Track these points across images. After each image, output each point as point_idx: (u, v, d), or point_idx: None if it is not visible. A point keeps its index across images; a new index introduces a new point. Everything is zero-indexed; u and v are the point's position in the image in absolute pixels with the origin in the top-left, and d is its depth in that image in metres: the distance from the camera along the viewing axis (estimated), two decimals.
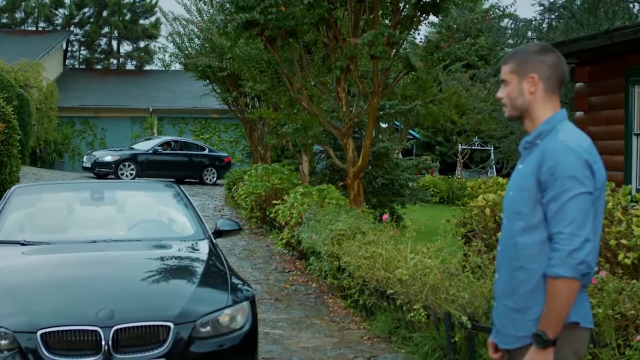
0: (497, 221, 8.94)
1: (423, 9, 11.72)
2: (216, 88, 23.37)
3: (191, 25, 21.97)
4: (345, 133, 12.17)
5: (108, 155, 26.69)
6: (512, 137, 20.97)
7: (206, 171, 28.11)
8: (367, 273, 7.92)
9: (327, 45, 12.17)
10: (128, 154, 26.92)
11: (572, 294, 2.91)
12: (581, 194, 2.92)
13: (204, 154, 28.53)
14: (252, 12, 10.76)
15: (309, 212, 11.44)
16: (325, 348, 7.40)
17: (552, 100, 3.16)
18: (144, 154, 27.17)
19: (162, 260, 6.02)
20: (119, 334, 4.77)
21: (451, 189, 26.92)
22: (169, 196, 7.39)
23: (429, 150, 35.99)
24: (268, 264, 12.31)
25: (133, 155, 26.95)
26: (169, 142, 28.64)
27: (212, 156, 28.63)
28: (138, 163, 26.68)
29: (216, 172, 28.18)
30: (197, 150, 28.70)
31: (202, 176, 27.96)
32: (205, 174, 28.04)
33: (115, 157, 26.34)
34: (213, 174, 28.16)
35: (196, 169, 28.02)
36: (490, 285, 6.43)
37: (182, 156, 28.03)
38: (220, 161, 28.56)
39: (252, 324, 5.37)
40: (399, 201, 18.48)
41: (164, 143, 28.37)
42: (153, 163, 27.02)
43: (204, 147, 29.10)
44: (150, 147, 27.61)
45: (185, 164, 27.87)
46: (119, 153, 26.87)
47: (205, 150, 28.79)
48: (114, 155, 26.53)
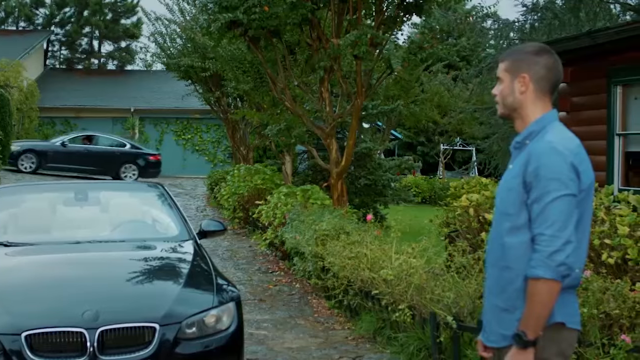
0: (480, 221, 8.96)
1: (406, 10, 11.74)
2: (198, 88, 23.30)
3: (173, 25, 21.89)
4: (328, 133, 12.16)
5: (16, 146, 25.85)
6: (495, 137, 20.98)
7: (124, 168, 27.49)
8: (351, 273, 7.91)
9: (311, 46, 12.16)
10: (29, 146, 26.45)
11: (552, 295, 2.92)
12: (564, 196, 2.92)
13: (123, 150, 27.91)
14: (235, 12, 10.73)
15: (293, 213, 11.42)
16: (310, 348, 7.39)
17: (543, 101, 3.16)
18: (48, 146, 26.77)
19: (146, 261, 5.98)
20: (105, 336, 4.74)
21: (433, 189, 26.98)
22: (153, 197, 7.36)
23: (411, 150, 36.04)
24: (251, 265, 12.28)
25: (35, 146, 26.49)
26: (88, 137, 28.23)
27: (133, 153, 27.98)
28: (40, 155, 26.20)
29: (137, 170, 27.54)
30: (115, 145, 28.10)
31: (119, 173, 27.30)
32: (123, 171, 27.43)
33: (16, 147, 25.47)
34: (133, 172, 27.52)
35: (111, 165, 27.33)
36: (475, 284, 6.45)
37: (94, 151, 27.51)
38: (144, 159, 27.95)
39: (238, 325, 5.35)
40: (381, 201, 18.49)
41: (78, 137, 27.96)
42: (59, 156, 26.53)
43: (124, 144, 28.47)
44: (58, 140, 27.27)
45: (97, 159, 27.31)
46: (21, 144, 26.34)
47: (125, 147, 28.16)
48: (16, 145, 25.67)
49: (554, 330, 3.01)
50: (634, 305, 5.47)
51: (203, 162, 35.03)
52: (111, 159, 27.47)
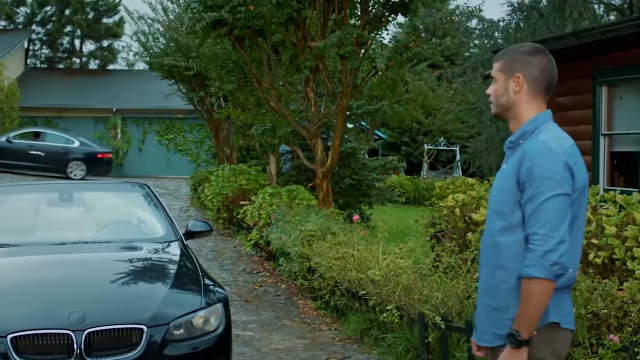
0: (466, 221, 8.96)
1: (392, 9, 11.71)
2: (182, 88, 23.19)
3: (156, 24, 21.79)
4: (314, 133, 12.13)
5: None
6: (480, 137, 21.05)
7: (71, 165, 27.15)
8: (338, 274, 7.89)
9: (296, 45, 12.12)
10: None
11: (546, 294, 2.92)
12: (558, 195, 2.92)
13: (70, 147, 27.57)
14: (220, 11, 10.67)
15: (278, 213, 11.38)
16: (297, 350, 7.36)
17: (537, 101, 3.15)
18: None
19: (133, 262, 5.93)
20: (91, 337, 4.69)
21: (417, 189, 26.97)
22: (139, 197, 7.29)
23: (395, 150, 36.03)
24: (236, 265, 12.23)
25: None
26: (36, 133, 27.98)
27: (82, 150, 27.68)
28: None
29: (85, 168, 27.24)
30: (63, 142, 27.74)
31: (66, 170, 26.97)
32: (70, 168, 27.10)
33: None
34: (81, 170, 27.22)
35: (58, 162, 26.97)
36: (463, 285, 6.44)
37: (40, 148, 27.17)
38: (92, 156, 27.62)
39: (226, 326, 5.32)
40: (366, 202, 18.46)
41: (25, 133, 27.71)
42: (4, 153, 26.26)
43: (73, 141, 28.09)
44: (3, 137, 27.04)
45: (43, 156, 26.96)
46: None
47: (74, 144, 27.81)
48: None
49: (548, 331, 3.00)
50: (622, 305, 5.47)
51: (186, 162, 34.85)
52: (58, 155, 27.13)
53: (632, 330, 5.33)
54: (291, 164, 20.27)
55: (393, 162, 19.78)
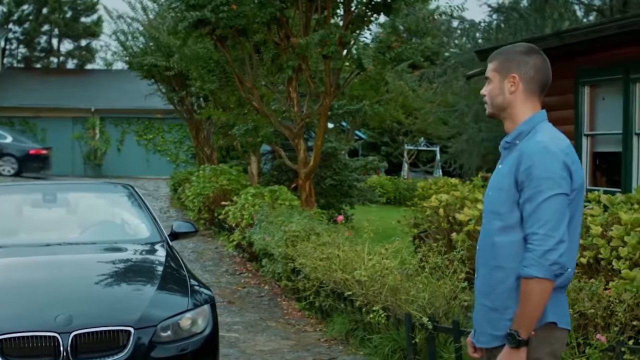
0: (450, 222, 8.96)
1: (374, 9, 11.70)
2: (161, 88, 23.06)
3: (136, 24, 21.66)
4: (296, 133, 12.09)
5: None
6: (461, 137, 21.12)
7: (2, 161, 26.91)
8: (324, 275, 7.86)
9: (279, 45, 12.07)
10: None
11: (545, 294, 2.91)
12: (557, 195, 2.91)
13: (2, 142, 27.27)
14: (203, 11, 10.61)
15: (261, 214, 11.32)
16: (283, 351, 7.32)
17: (532, 101, 3.15)
18: None
19: (119, 264, 5.87)
20: (78, 340, 4.64)
21: (398, 190, 26.97)
22: (124, 198, 7.22)
23: (375, 150, 36.05)
24: (218, 266, 12.17)
25: None
26: None
27: (14, 146, 27.37)
28: None
29: (17, 164, 26.95)
30: None
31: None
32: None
33: None
34: (12, 166, 26.97)
35: None
36: (450, 285, 6.44)
37: None
38: (24, 152, 27.32)
39: (213, 328, 5.28)
40: (347, 202, 18.43)
41: None
42: None
43: (5, 136, 27.84)
44: None
45: None
46: None
47: (6, 139, 27.54)
48: None
49: (546, 330, 2.99)
50: (609, 304, 5.49)
51: (165, 162, 34.65)
52: None
53: (619, 330, 5.35)
54: (271, 164, 20.22)
55: (374, 162, 19.78)
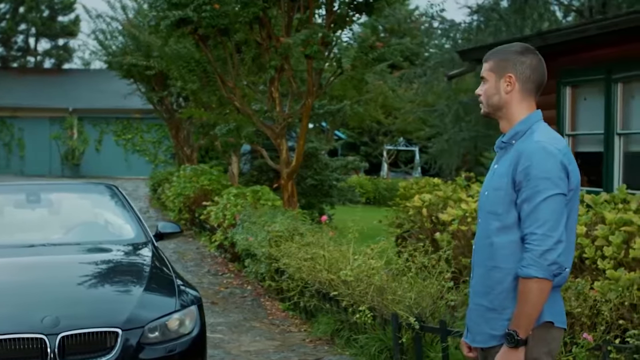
0: (433, 222, 8.98)
1: (356, 9, 11.70)
2: (141, 87, 22.93)
3: (115, 23, 21.53)
4: (279, 133, 12.06)
5: None
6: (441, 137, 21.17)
7: None
8: (308, 275, 7.84)
9: (261, 45, 12.03)
10: None
11: (544, 294, 2.92)
12: (555, 195, 2.92)
13: None
14: (185, 10, 10.55)
15: (244, 214, 11.28)
16: (268, 351, 7.30)
17: (528, 101, 3.15)
18: None
19: (105, 265, 5.83)
20: (66, 341, 4.60)
21: (377, 190, 27.00)
22: (108, 198, 7.15)
23: (354, 150, 36.09)
24: (200, 267, 12.12)
25: None
26: None
27: None
28: None
29: None
30: None
31: None
32: None
33: None
34: None
35: None
36: (436, 285, 6.44)
37: None
38: None
39: (201, 329, 5.26)
40: (327, 202, 18.42)
41: None
42: None
43: None
44: None
45: None
46: None
47: None
48: None
49: (543, 330, 3.00)
50: (595, 304, 5.52)
51: (144, 163, 34.47)
52: None
53: (605, 329, 5.38)
54: (251, 164, 20.16)
55: (355, 162, 19.79)
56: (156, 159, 34.55)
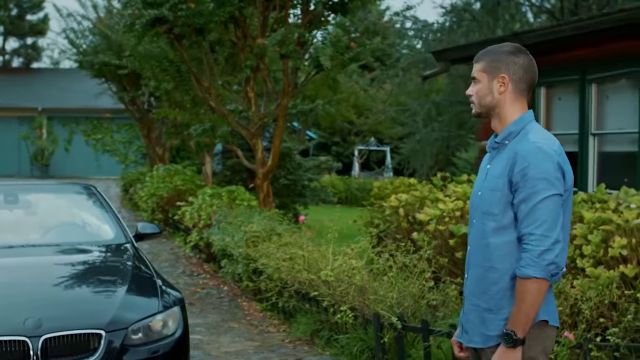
0: (410, 221, 9.00)
1: (332, 9, 11.70)
2: (112, 87, 22.76)
3: (86, 22, 21.35)
4: (254, 133, 12.02)
5: None
6: (414, 137, 21.24)
7: None
8: (287, 275, 7.81)
9: (236, 44, 11.99)
10: None
11: (541, 293, 2.94)
12: (552, 196, 2.93)
13: None
14: (161, 9, 10.48)
15: (219, 214, 11.23)
16: (248, 352, 7.27)
17: (520, 101, 3.16)
18: None
19: (86, 266, 5.78)
20: (49, 344, 4.55)
21: (349, 190, 27.02)
22: (87, 199, 7.07)
23: (326, 150, 36.12)
24: (175, 268, 12.05)
25: None
26: None
27: None
28: None
29: None
30: None
31: None
32: None
33: None
34: None
35: None
36: (417, 284, 6.46)
37: None
38: None
39: (184, 329, 5.23)
40: (301, 202, 18.39)
41: None
42: None
43: None
44: None
45: None
46: None
47: None
48: None
49: (538, 329, 3.02)
50: (575, 302, 5.57)
51: (114, 163, 34.24)
52: None
53: (586, 327, 5.42)
54: (224, 164, 20.08)
55: (328, 162, 19.79)
56: (127, 159, 34.33)
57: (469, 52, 11.92)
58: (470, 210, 3.23)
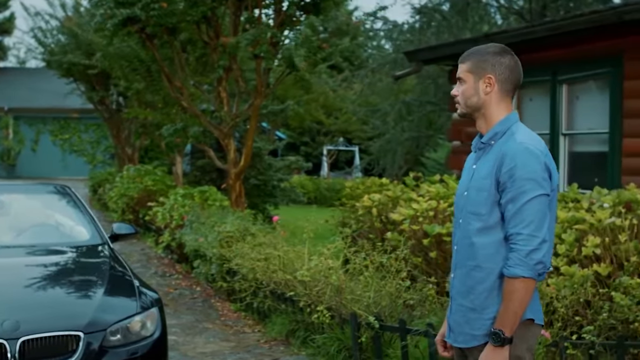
0: (382, 221, 9.03)
1: (304, 9, 11.71)
2: (81, 87, 22.57)
3: (54, 21, 21.15)
4: (227, 133, 11.99)
5: None
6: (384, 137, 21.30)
7: None
8: (263, 275, 7.81)
9: (208, 44, 11.95)
10: None
11: (529, 293, 2.96)
12: (539, 196, 2.96)
13: None
14: (133, 8, 10.42)
15: (192, 214, 11.19)
16: (224, 353, 7.25)
17: (506, 101, 3.18)
18: None
19: (63, 267, 5.72)
20: (26, 346, 4.50)
21: (319, 190, 27.05)
22: (62, 200, 7.00)
23: (294, 150, 36.12)
24: (147, 269, 11.98)
25: None
26: None
27: None
28: None
29: None
30: None
31: None
32: None
33: None
34: None
35: None
36: (394, 284, 6.48)
37: None
38: None
39: (162, 330, 5.20)
40: (271, 202, 18.36)
41: None
42: None
43: None
44: None
45: None
46: None
47: None
48: None
49: (524, 327, 3.04)
50: (551, 300, 5.62)
51: (82, 163, 33.94)
52: None
53: (561, 326, 5.48)
54: (193, 164, 19.98)
55: (299, 162, 19.78)
56: (94, 160, 34.06)
57: (441, 52, 12.00)
58: (456, 211, 3.25)
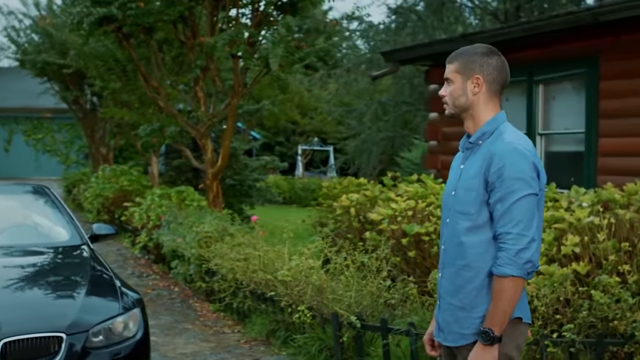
0: (361, 221, 9.05)
1: (281, 9, 11.69)
2: (55, 86, 22.39)
3: (27, 20, 20.97)
4: (204, 133, 11.95)
5: None
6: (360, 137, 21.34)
7: None
8: (242, 275, 7.80)
9: (185, 44, 11.91)
10: None
11: (518, 291, 2.99)
12: (528, 195, 2.98)
13: None
14: (109, 7, 10.35)
15: (169, 215, 11.15)
16: (204, 353, 7.24)
17: (493, 102, 3.21)
18: None
19: (43, 268, 5.68)
20: (8, 347, 4.47)
21: (294, 189, 27.04)
22: (41, 200, 6.95)
23: (269, 150, 36.08)
24: (123, 269, 11.90)
25: None
26: None
27: None
28: None
29: None
30: None
31: None
32: None
33: None
34: None
35: None
36: (376, 284, 6.50)
37: None
38: None
39: (145, 331, 5.20)
40: (247, 202, 18.33)
41: None
42: None
43: None
44: None
45: None
46: None
47: None
48: None
49: (513, 326, 3.06)
50: (532, 299, 5.66)
51: (55, 163, 33.68)
52: None
53: (542, 324, 5.53)
54: (168, 164, 19.89)
55: (274, 162, 19.77)
56: (68, 160, 33.80)
57: (417, 52, 12.04)
58: (444, 210, 3.27)
